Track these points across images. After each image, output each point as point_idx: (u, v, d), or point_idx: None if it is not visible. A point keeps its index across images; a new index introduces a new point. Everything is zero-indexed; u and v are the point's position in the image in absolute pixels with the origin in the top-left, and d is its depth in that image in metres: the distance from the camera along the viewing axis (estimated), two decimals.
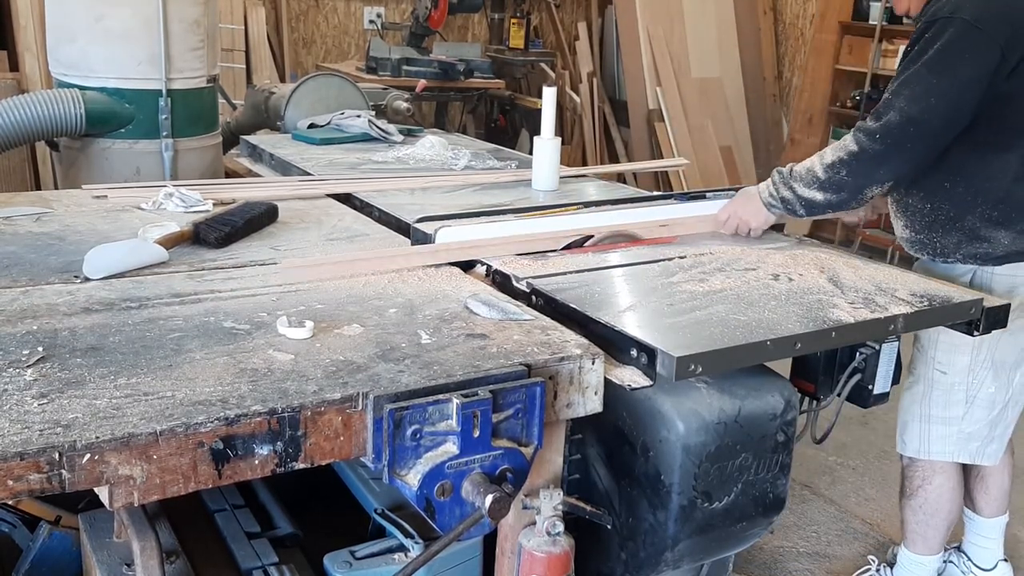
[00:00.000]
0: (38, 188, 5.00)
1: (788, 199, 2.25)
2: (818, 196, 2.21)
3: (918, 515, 2.59)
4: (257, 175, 3.15)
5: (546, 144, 2.73)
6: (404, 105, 3.99)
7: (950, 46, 2.11)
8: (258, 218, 2.23)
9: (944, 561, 2.78)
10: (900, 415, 2.52)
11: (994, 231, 2.25)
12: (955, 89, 2.12)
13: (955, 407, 2.41)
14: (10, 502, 2.04)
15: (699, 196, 2.52)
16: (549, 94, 2.66)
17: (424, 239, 2.12)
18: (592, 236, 2.20)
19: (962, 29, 2.10)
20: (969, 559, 2.80)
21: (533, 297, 1.87)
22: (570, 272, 1.97)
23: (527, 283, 1.90)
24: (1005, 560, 2.78)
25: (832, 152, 2.19)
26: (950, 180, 2.26)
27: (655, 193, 2.70)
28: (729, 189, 2.60)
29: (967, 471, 2.66)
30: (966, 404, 2.40)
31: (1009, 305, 2.04)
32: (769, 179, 2.30)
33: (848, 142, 2.18)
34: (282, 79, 6.28)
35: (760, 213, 2.31)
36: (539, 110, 2.78)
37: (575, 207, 2.41)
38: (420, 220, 2.21)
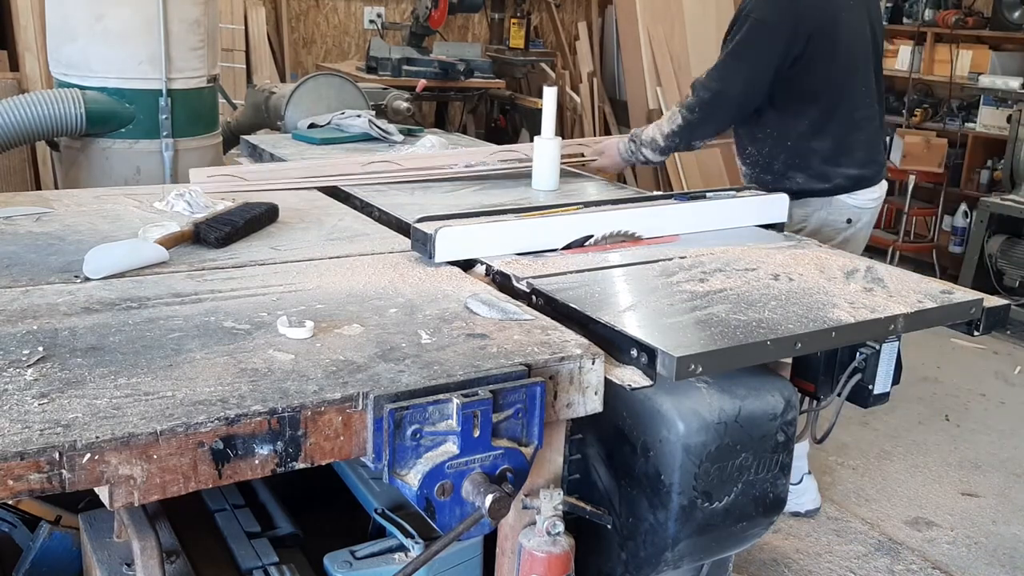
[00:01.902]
0: (38, 188, 5.01)
1: (640, 159, 3.09)
2: (659, 157, 3.09)
3: None
4: None
5: (546, 144, 2.73)
6: (404, 105, 3.98)
7: (745, 38, 2.85)
8: (258, 218, 2.23)
9: None
10: None
11: (793, 173, 3.00)
12: (748, 71, 2.88)
13: None
14: (10, 502, 2.04)
15: (699, 196, 2.52)
16: (549, 94, 2.66)
17: (424, 239, 2.11)
18: (592, 236, 2.20)
19: (753, 26, 2.84)
20: None
21: (533, 297, 1.87)
22: (570, 272, 1.97)
23: (527, 283, 1.90)
24: (808, 473, 3.37)
25: (667, 124, 2.99)
26: (763, 133, 3.02)
27: (655, 193, 2.70)
28: (729, 189, 2.61)
29: None
30: None
31: (1009, 305, 2.05)
32: (627, 143, 3.07)
33: (675, 116, 2.98)
34: (282, 79, 6.29)
35: (619, 165, 3.18)
36: (539, 110, 2.78)
37: (575, 207, 2.41)
38: (420, 220, 2.20)
